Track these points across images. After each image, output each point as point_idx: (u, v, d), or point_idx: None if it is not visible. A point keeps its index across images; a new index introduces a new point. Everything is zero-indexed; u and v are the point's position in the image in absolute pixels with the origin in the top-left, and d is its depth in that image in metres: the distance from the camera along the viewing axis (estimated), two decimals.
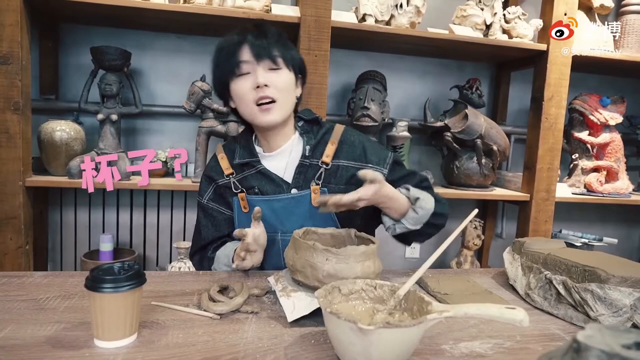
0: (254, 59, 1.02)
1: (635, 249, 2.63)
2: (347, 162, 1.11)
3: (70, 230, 1.94)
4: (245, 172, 1.12)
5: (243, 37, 1.05)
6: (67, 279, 0.92)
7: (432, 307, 0.64)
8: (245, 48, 1.03)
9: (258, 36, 1.04)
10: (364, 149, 1.12)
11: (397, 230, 1.04)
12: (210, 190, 1.15)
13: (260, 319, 0.78)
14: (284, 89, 1.05)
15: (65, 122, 1.68)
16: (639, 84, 2.44)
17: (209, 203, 1.15)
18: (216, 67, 1.09)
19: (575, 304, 0.83)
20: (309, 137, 1.12)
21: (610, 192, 2.08)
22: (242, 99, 1.05)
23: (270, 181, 1.10)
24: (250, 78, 1.03)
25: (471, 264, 2.07)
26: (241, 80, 1.04)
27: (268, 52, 1.03)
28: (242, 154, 1.12)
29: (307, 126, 1.15)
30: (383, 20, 1.78)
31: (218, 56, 1.08)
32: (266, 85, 1.02)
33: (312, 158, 1.10)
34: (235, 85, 1.05)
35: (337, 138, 1.12)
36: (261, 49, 1.03)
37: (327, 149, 1.10)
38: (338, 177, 1.10)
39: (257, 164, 1.11)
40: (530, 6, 2.13)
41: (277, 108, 1.05)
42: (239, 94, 1.05)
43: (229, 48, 1.05)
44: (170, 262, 1.81)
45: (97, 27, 1.86)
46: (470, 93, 1.97)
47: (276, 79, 1.04)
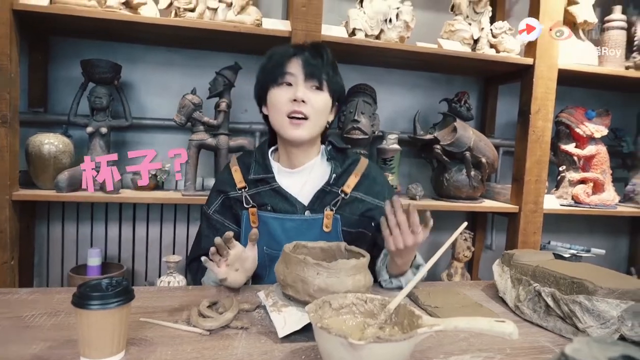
0: (302, 73, 1.06)
1: (622, 260, 2.66)
2: (364, 195, 1.14)
3: (57, 245, 1.91)
4: (259, 187, 1.12)
5: (297, 51, 1.09)
6: (54, 295, 0.91)
7: (423, 321, 0.65)
8: (295, 61, 1.07)
9: (313, 55, 1.08)
10: (382, 188, 1.17)
11: (392, 284, 1.06)
12: (218, 201, 1.15)
13: (250, 334, 0.77)
14: (319, 109, 1.08)
15: (53, 135, 1.66)
16: (622, 97, 2.49)
17: (215, 215, 1.15)
18: (261, 71, 1.13)
19: (564, 315, 0.84)
20: (336, 164, 1.14)
21: (597, 203, 2.11)
22: (275, 108, 1.08)
23: (284, 200, 1.10)
24: (290, 90, 1.06)
25: (462, 275, 2.07)
26: (281, 89, 1.07)
27: (317, 72, 1.06)
28: (257, 169, 1.13)
29: (334, 152, 1.17)
30: (373, 35, 1.81)
31: (267, 61, 1.11)
32: (303, 101, 1.05)
33: (334, 185, 1.11)
34: (274, 93, 1.08)
35: (361, 171, 1.15)
36: (311, 67, 1.06)
37: (350, 179, 1.13)
38: (353, 208, 1.12)
39: (271, 180, 1.11)
40: (517, 21, 2.17)
41: (307, 125, 1.07)
42: (274, 102, 1.08)
43: (280, 57, 1.08)
44: (160, 277, 1.78)
45: (88, 40, 1.86)
46: (459, 106, 1.99)
47: (314, 97, 1.07)
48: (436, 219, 2.39)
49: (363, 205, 1.13)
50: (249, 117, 2.02)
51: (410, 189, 1.96)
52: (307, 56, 1.07)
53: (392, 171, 1.95)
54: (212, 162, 1.84)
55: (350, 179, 1.13)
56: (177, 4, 1.62)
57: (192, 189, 1.72)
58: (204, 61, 1.95)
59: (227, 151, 1.76)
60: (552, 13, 1.88)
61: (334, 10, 2.05)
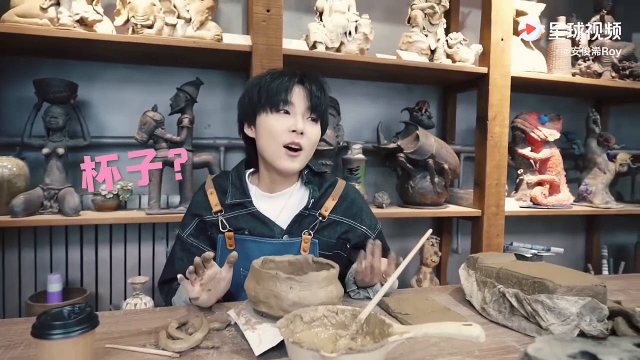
0: (303, 105, 1.05)
1: (580, 257, 2.78)
2: (342, 218, 1.14)
3: (13, 272, 1.82)
4: (235, 211, 1.10)
5: (303, 79, 1.07)
6: (11, 327, 0.86)
7: (393, 329, 0.66)
8: (300, 91, 1.06)
9: (316, 87, 1.07)
10: (360, 210, 1.18)
11: (361, 295, 1.07)
12: (192, 225, 1.12)
13: (221, 353, 0.76)
14: (314, 141, 1.09)
15: (6, 158, 1.59)
16: (571, 102, 2.63)
17: (189, 238, 1.12)
18: (257, 92, 1.07)
19: (527, 315, 0.87)
20: (314, 188, 1.13)
21: (554, 204, 2.20)
22: (272, 135, 1.05)
23: (262, 224, 1.09)
24: (289, 119, 1.05)
25: (430, 280, 2.11)
26: (279, 117, 1.05)
27: (319, 105, 1.07)
28: (234, 193, 1.11)
29: (311, 176, 1.16)
30: (333, 47, 1.84)
31: (267, 84, 1.06)
32: (302, 133, 1.04)
33: (312, 209, 1.11)
34: (270, 120, 1.05)
35: (339, 194, 1.15)
36: (316, 100, 1.06)
37: (328, 202, 1.13)
38: (331, 231, 1.12)
39: (249, 205, 1.10)
40: (470, 32, 2.27)
41: (301, 158, 1.07)
42: (271, 130, 1.05)
43: (284, 81, 1.05)
44: (125, 299, 1.72)
45: (41, 59, 1.80)
46: (420, 115, 2.05)
47: (311, 130, 1.07)
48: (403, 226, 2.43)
49: (340, 228, 1.14)
50: (213, 132, 2.01)
51: (377, 198, 1.98)
52: (312, 88, 1.06)
53: (358, 180, 1.98)
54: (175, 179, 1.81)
55: (328, 202, 1.13)
56: (134, 20, 1.60)
57: (157, 207, 1.68)
58: (164, 77, 1.93)
59: (192, 167, 1.74)
60: (502, 24, 1.97)
61: (293, 25, 2.07)
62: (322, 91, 1.08)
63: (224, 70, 2.01)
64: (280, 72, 1.09)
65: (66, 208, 1.57)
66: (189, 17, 1.66)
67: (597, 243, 2.73)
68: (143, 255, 1.95)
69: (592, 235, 2.74)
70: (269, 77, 1.08)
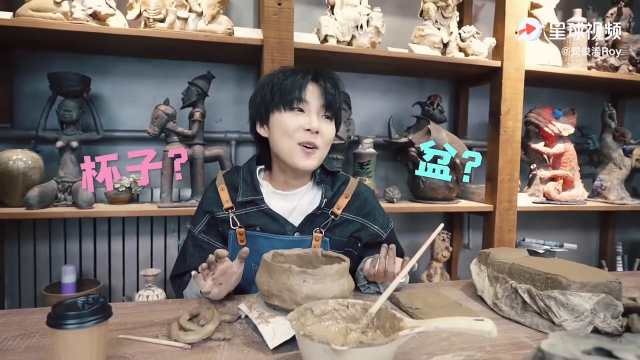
0: (318, 103, 1.03)
1: (593, 253, 2.75)
2: (354, 216, 1.13)
3: (29, 264, 1.85)
4: (247, 208, 1.09)
5: (316, 76, 1.05)
6: (27, 316, 0.88)
7: (404, 323, 0.65)
8: (314, 88, 1.04)
9: (331, 85, 1.05)
10: (373, 209, 1.17)
11: (371, 289, 1.08)
12: (204, 221, 1.12)
13: (233, 345, 0.76)
14: (329, 140, 1.07)
15: (21, 151, 1.62)
16: (586, 96, 2.59)
17: (200, 234, 1.12)
18: (270, 90, 1.05)
19: (540, 311, 0.86)
20: (326, 187, 1.12)
21: (568, 199, 2.17)
22: (286, 134, 1.03)
23: (273, 221, 1.08)
24: (302, 117, 1.03)
25: (441, 275, 2.10)
26: (293, 115, 1.03)
27: (334, 103, 1.05)
28: (245, 191, 1.10)
29: (324, 175, 1.15)
30: (345, 41, 1.83)
31: (281, 82, 1.04)
32: (317, 132, 1.03)
33: (324, 208, 1.10)
34: (285, 118, 1.03)
35: (352, 191, 1.14)
36: (329, 97, 1.04)
37: (340, 200, 1.12)
38: (343, 230, 1.12)
39: (260, 202, 1.09)
40: (484, 25, 2.24)
41: (317, 155, 1.05)
42: (285, 128, 1.03)
43: (297, 79, 1.03)
44: (138, 291, 1.75)
45: (55, 52, 1.82)
46: (432, 109, 2.03)
47: (326, 128, 1.05)
48: (414, 220, 2.42)
49: (352, 226, 1.13)
50: (224, 126, 2.01)
51: (388, 192, 1.98)
52: (327, 86, 1.04)
53: (369, 175, 1.97)
54: (187, 173, 1.82)
55: (341, 200, 1.12)
56: (146, 14, 1.61)
57: (169, 201, 1.70)
58: (176, 71, 1.94)
59: (203, 161, 1.75)
60: (516, 16, 1.94)
61: (305, 18, 2.06)
62: (336, 88, 1.06)
63: (235, 64, 2.01)
64: (293, 70, 1.07)
65: (80, 201, 1.59)
66: (200, 10, 1.66)
67: (612, 239, 2.69)
68: (155, 247, 1.97)
69: (606, 231, 2.70)
70: (281, 74, 1.06)
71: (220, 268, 0.91)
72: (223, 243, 1.11)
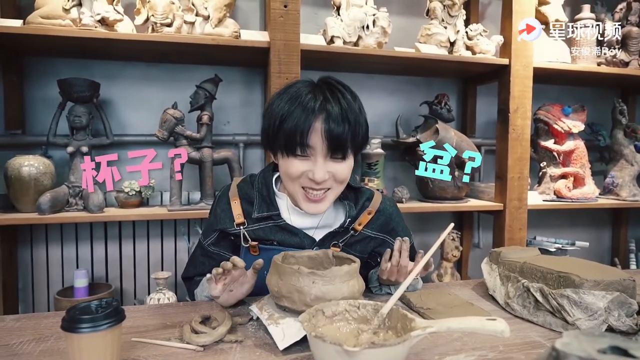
0: (323, 147, 0.91)
1: (606, 251, 2.71)
2: (377, 233, 1.09)
3: (42, 268, 1.87)
4: (262, 224, 1.02)
5: (320, 107, 0.90)
6: (41, 320, 0.89)
7: (416, 323, 0.65)
8: (317, 129, 0.90)
9: (338, 121, 0.90)
10: (397, 225, 1.12)
11: (382, 291, 1.06)
12: (214, 236, 1.07)
13: (244, 347, 0.77)
14: (343, 178, 0.96)
15: (33, 157, 1.64)
16: (596, 93, 2.56)
17: (210, 247, 1.08)
18: (273, 127, 0.94)
19: (553, 310, 0.85)
20: (350, 205, 1.05)
21: (579, 197, 2.15)
22: (290, 178, 0.95)
23: (292, 235, 1.03)
24: (307, 162, 0.93)
25: (451, 275, 2.09)
26: (297, 161, 0.93)
27: (342, 144, 0.91)
28: (261, 206, 1.03)
29: (346, 191, 1.06)
30: (351, 42, 1.82)
31: (284, 117, 0.91)
32: (325, 180, 0.93)
33: (347, 224, 1.05)
34: (288, 163, 0.94)
35: (375, 207, 1.08)
36: (337, 138, 0.90)
37: (362, 217, 1.06)
38: (364, 246, 1.08)
39: (277, 218, 1.02)
40: (491, 23, 2.22)
41: (329, 198, 0.97)
42: (289, 173, 0.95)
43: (300, 121, 0.90)
44: (149, 294, 1.76)
45: (64, 59, 1.84)
46: (440, 108, 2.02)
47: (338, 169, 0.94)
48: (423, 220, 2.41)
49: (374, 243, 1.09)
50: (232, 129, 2.02)
51: (396, 192, 1.97)
52: (333, 126, 0.89)
53: (377, 175, 1.97)
54: (196, 176, 1.83)
55: (363, 217, 1.06)
56: (153, 19, 1.62)
57: (178, 204, 1.71)
58: (183, 75, 1.95)
59: (212, 164, 1.76)
60: (524, 14, 1.93)
61: (311, 20, 2.07)
62: (347, 122, 0.91)
63: (242, 66, 2.02)
64: (298, 100, 0.92)
65: (90, 205, 1.60)
66: (207, 14, 1.67)
67: (624, 237, 2.66)
68: (165, 250, 1.98)
69: (618, 228, 2.67)
70: (285, 106, 0.92)
71: (233, 275, 0.89)
72: (234, 253, 1.07)
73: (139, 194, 1.74)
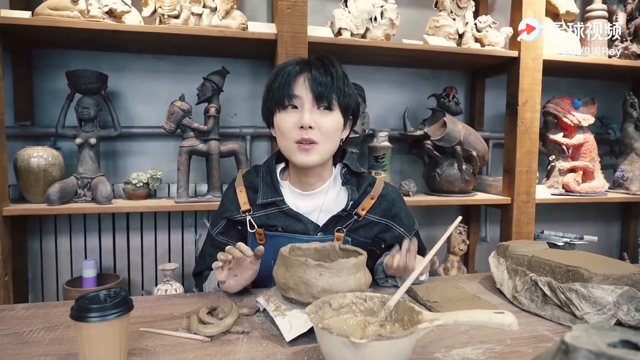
0: (309, 95, 0.97)
1: (614, 246, 2.69)
2: (380, 218, 1.10)
3: (51, 259, 1.89)
4: (267, 210, 1.07)
5: (303, 67, 0.99)
6: (51, 309, 0.90)
7: (423, 316, 0.65)
8: (301, 81, 0.98)
9: (321, 73, 0.98)
10: (399, 211, 1.13)
11: (388, 283, 1.07)
12: (221, 224, 1.11)
13: (251, 338, 0.77)
14: (329, 132, 1.00)
15: (42, 148, 1.65)
16: (606, 86, 2.53)
17: (218, 236, 1.12)
18: (267, 92, 1.04)
19: (561, 304, 0.85)
20: (352, 189, 1.08)
21: (588, 191, 2.13)
22: (283, 134, 1.01)
23: (296, 221, 1.06)
24: (296, 114, 0.99)
25: (458, 269, 2.08)
26: (287, 114, 0.99)
27: (325, 92, 0.97)
28: (265, 193, 1.07)
29: (349, 176, 1.11)
30: (358, 34, 1.81)
31: (272, 82, 1.02)
32: (311, 127, 0.97)
33: (350, 209, 1.07)
34: (280, 119, 1.01)
35: (378, 192, 1.11)
36: (319, 87, 0.97)
37: (365, 202, 1.08)
38: (367, 231, 1.10)
39: (281, 204, 1.06)
40: (500, 15, 2.20)
41: (317, 150, 1.00)
42: (281, 128, 1.01)
43: (286, 76, 0.99)
44: (156, 285, 1.77)
45: (72, 50, 1.84)
46: (448, 101, 2.01)
47: (324, 121, 0.99)
48: (430, 214, 2.40)
49: (377, 228, 1.10)
50: (239, 121, 2.02)
51: (403, 186, 1.96)
52: (315, 75, 0.98)
53: (384, 168, 1.96)
54: (204, 168, 1.84)
55: (366, 202, 1.08)
56: (161, 11, 1.62)
57: (185, 196, 1.71)
58: (190, 67, 1.95)
59: (219, 156, 1.76)
60: (534, 5, 1.90)
61: (318, 12, 2.05)
62: (328, 75, 0.99)
63: (250, 59, 2.01)
64: (286, 64, 1.02)
65: (99, 196, 1.61)
66: (214, 6, 1.66)
67: (634, 231, 2.63)
68: (173, 242, 1.99)
69: (628, 223, 2.64)
70: (274, 73, 1.02)
71: (237, 258, 0.91)
72: (242, 242, 1.09)
73: (147, 186, 1.75)
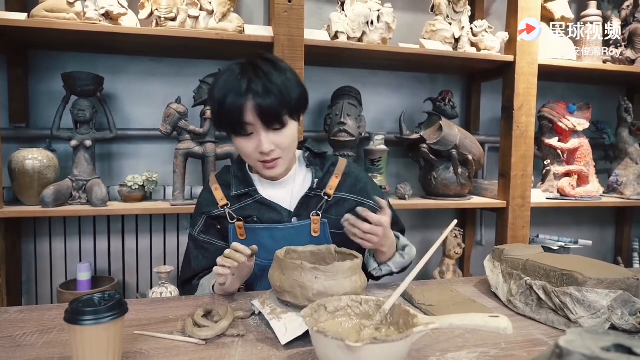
0: (259, 123, 0.97)
1: (609, 250, 2.71)
2: (348, 195, 1.14)
3: (45, 261, 1.88)
4: (242, 202, 1.10)
5: (246, 91, 0.95)
6: (44, 312, 0.90)
7: (418, 319, 0.65)
8: (249, 107, 0.95)
9: (263, 92, 0.95)
10: (365, 185, 1.17)
11: (383, 271, 1.08)
12: (201, 222, 1.14)
13: (246, 342, 0.77)
14: (289, 145, 1.03)
15: (37, 150, 1.64)
16: (601, 91, 2.54)
17: (200, 235, 1.14)
18: (216, 118, 1.03)
19: (556, 308, 0.85)
20: (316, 169, 1.13)
21: (583, 195, 2.14)
22: (245, 155, 1.05)
23: (270, 210, 1.10)
24: (254, 139, 1.00)
25: (453, 272, 2.09)
26: (244, 140, 1.01)
27: (274, 114, 0.97)
28: (237, 185, 1.11)
29: (312, 158, 1.15)
30: (355, 37, 1.82)
31: (219, 109, 0.98)
32: (272, 150, 1.00)
33: (317, 189, 1.11)
34: (238, 143, 1.03)
35: (342, 171, 1.15)
36: (267, 113, 0.96)
37: (331, 181, 1.13)
38: (339, 209, 1.12)
39: (254, 193, 1.10)
40: (496, 20, 2.21)
41: (281, 163, 1.04)
42: (242, 151, 1.04)
43: (230, 107, 0.96)
44: (151, 288, 1.76)
45: (68, 52, 1.84)
46: (444, 105, 2.01)
47: (281, 140, 1.00)
48: (426, 217, 2.41)
49: (348, 204, 1.13)
50: None
51: (399, 189, 1.97)
52: (259, 102, 0.94)
53: (380, 172, 1.97)
54: (199, 171, 1.83)
55: (332, 180, 1.13)
56: (157, 13, 1.62)
57: (181, 199, 1.71)
58: (187, 70, 1.95)
59: (215, 159, 1.76)
60: (529, 10, 1.92)
61: (315, 15, 2.06)
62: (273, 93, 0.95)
63: None
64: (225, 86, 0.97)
65: (94, 199, 1.61)
66: (211, 9, 1.67)
67: (628, 236, 2.65)
68: (168, 245, 1.98)
69: (622, 227, 2.66)
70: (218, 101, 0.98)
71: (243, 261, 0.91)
72: (223, 241, 1.13)
73: (142, 188, 1.75)
